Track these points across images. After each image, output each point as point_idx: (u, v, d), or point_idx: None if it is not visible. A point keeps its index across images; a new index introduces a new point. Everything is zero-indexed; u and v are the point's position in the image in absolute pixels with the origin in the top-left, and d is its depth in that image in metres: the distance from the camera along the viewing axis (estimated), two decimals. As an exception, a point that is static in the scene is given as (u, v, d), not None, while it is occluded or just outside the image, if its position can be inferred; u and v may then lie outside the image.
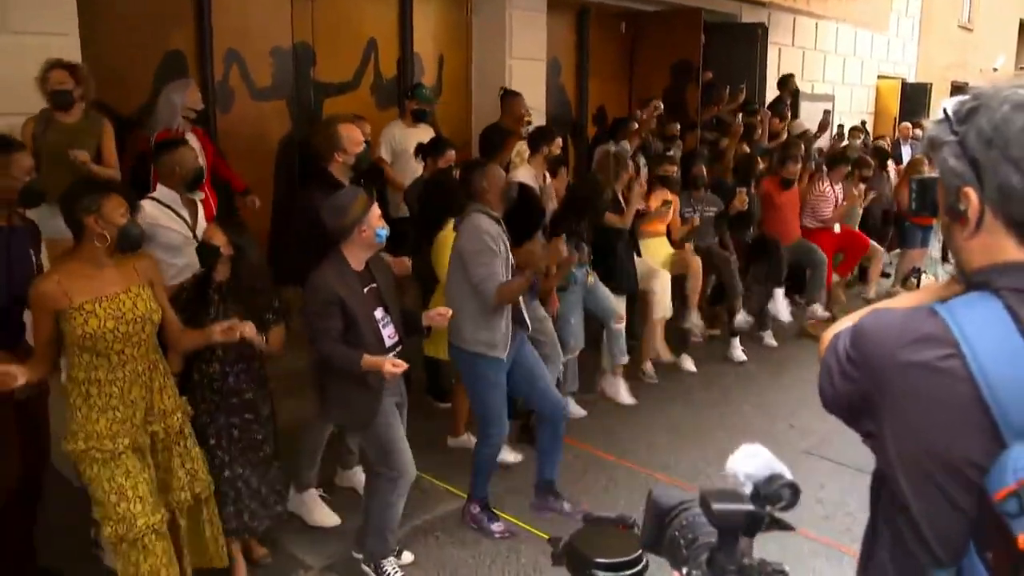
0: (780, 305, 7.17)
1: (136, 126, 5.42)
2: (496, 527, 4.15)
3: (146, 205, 3.76)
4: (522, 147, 6.10)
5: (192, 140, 4.92)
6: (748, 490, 1.18)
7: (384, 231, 3.50)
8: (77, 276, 2.96)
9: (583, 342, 5.54)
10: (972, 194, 1.26)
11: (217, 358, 3.46)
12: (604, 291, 5.65)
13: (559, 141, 6.03)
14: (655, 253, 6.32)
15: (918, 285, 8.24)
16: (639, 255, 6.03)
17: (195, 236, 3.94)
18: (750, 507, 1.14)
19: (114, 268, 3.04)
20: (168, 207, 4.00)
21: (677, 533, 1.26)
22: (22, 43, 4.40)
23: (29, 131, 4.29)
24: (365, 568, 3.72)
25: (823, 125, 9.22)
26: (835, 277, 7.94)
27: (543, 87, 7.88)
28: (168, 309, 3.22)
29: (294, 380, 4.53)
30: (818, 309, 7.38)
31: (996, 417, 1.17)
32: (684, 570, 1.14)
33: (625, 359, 5.84)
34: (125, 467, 3.01)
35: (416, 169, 5.77)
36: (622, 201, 5.80)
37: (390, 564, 3.69)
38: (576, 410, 5.56)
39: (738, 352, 6.93)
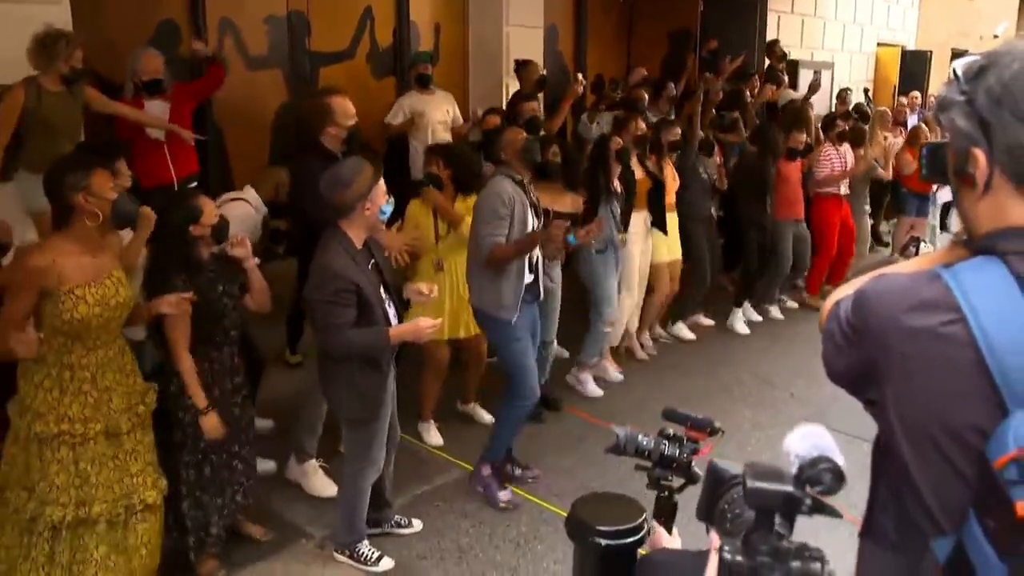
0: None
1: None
2: (503, 495, 4.16)
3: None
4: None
5: (156, 107, 4.92)
6: (793, 470, 1.14)
7: (389, 207, 3.30)
8: (71, 258, 2.84)
9: (616, 310, 5.51)
10: (980, 155, 1.24)
11: (225, 341, 3.39)
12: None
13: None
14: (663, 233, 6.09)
15: (916, 254, 8.20)
16: (665, 232, 5.89)
17: None
18: (787, 488, 1.10)
19: (102, 250, 2.94)
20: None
21: (726, 506, 1.25)
22: (11, 12, 4.33)
23: (19, 100, 4.19)
24: (339, 556, 3.65)
25: (813, 87, 9.16)
26: (827, 286, 7.76)
27: (540, 55, 7.80)
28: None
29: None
30: (771, 309, 7.30)
31: (998, 383, 1.16)
32: (718, 543, 1.11)
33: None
34: (92, 452, 2.94)
35: (442, 136, 6.01)
36: (635, 165, 5.60)
37: (365, 547, 3.63)
38: (592, 388, 5.59)
39: (740, 324, 6.91)
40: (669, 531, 1.44)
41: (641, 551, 2.14)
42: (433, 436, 4.80)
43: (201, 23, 5.94)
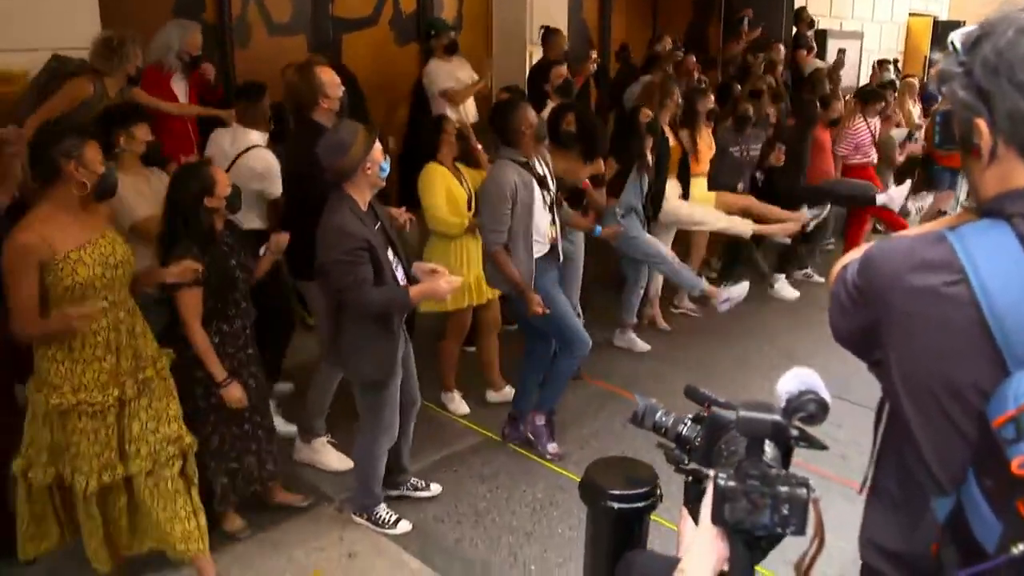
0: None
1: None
2: (552, 447, 4.30)
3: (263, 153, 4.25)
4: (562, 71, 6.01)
5: (180, 84, 4.93)
6: (782, 405, 1.22)
7: (387, 164, 3.33)
8: (58, 225, 2.80)
9: (666, 253, 5.53)
10: (983, 125, 1.24)
11: (237, 314, 3.42)
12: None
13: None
14: (697, 193, 6.08)
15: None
16: (687, 198, 5.89)
17: None
18: (775, 416, 1.16)
19: (86, 213, 2.90)
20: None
21: (723, 446, 1.30)
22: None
23: (86, 93, 4.10)
24: (357, 519, 3.71)
25: (837, 64, 9.02)
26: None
27: (565, 23, 7.73)
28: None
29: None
30: (812, 275, 7.40)
31: (1000, 344, 1.18)
32: (712, 472, 1.17)
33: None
34: (109, 419, 2.94)
35: (468, 103, 6.00)
36: (668, 133, 5.64)
37: (383, 510, 3.69)
38: (639, 343, 5.78)
39: (788, 290, 6.96)
40: (696, 520, 1.45)
41: (655, 517, 2.16)
42: (459, 405, 4.82)
43: (225, -11, 5.94)
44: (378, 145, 3.29)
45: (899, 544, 1.40)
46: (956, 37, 1.28)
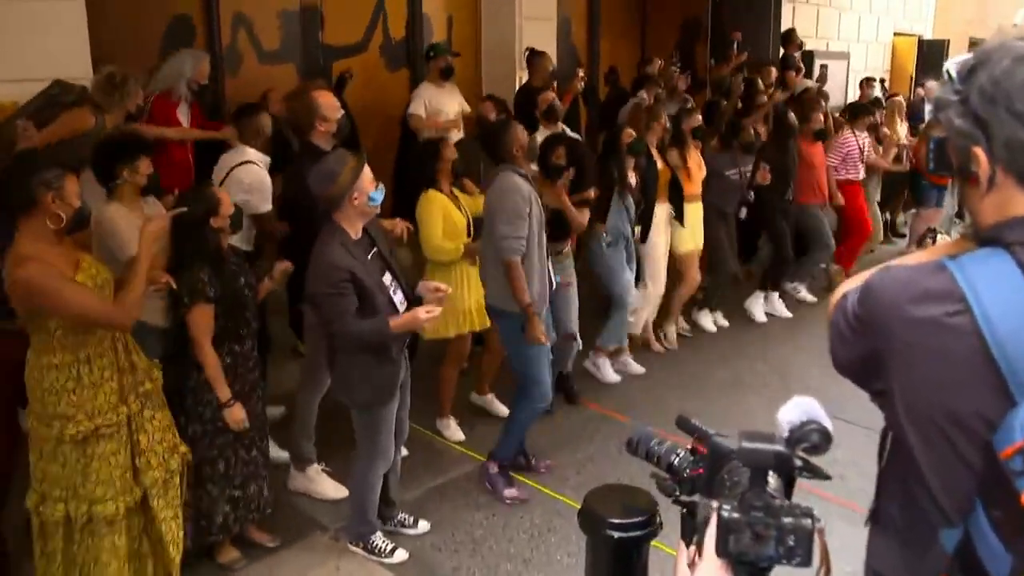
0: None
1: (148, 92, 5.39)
2: (508, 492, 4.15)
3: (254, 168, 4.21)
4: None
5: (184, 112, 4.97)
6: (785, 435, 1.20)
7: (379, 194, 3.32)
8: (52, 253, 2.77)
9: (635, 298, 5.49)
10: (980, 154, 1.24)
11: (248, 334, 3.41)
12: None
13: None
14: (691, 218, 6.04)
15: (933, 245, 8.12)
16: (683, 223, 5.88)
17: None
18: (777, 447, 1.15)
19: (60, 240, 2.88)
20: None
21: (726, 476, 1.28)
22: (30, 9, 4.35)
23: (87, 125, 4.03)
24: (353, 548, 3.67)
25: (821, 79, 9.09)
26: (834, 267, 7.79)
27: (554, 47, 7.78)
28: None
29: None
30: (801, 289, 7.33)
31: (1004, 373, 1.17)
32: (716, 504, 1.15)
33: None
34: (123, 438, 2.94)
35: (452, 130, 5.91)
36: (655, 155, 5.65)
37: (379, 538, 3.65)
38: (610, 374, 5.59)
39: (759, 311, 6.90)
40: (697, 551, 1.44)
41: (655, 543, 2.14)
42: (455, 432, 4.78)
43: (215, 17, 5.96)
44: (368, 173, 3.28)
45: (905, 574, 1.39)
46: (951, 66, 1.28)
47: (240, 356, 3.38)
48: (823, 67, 9.92)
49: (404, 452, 4.02)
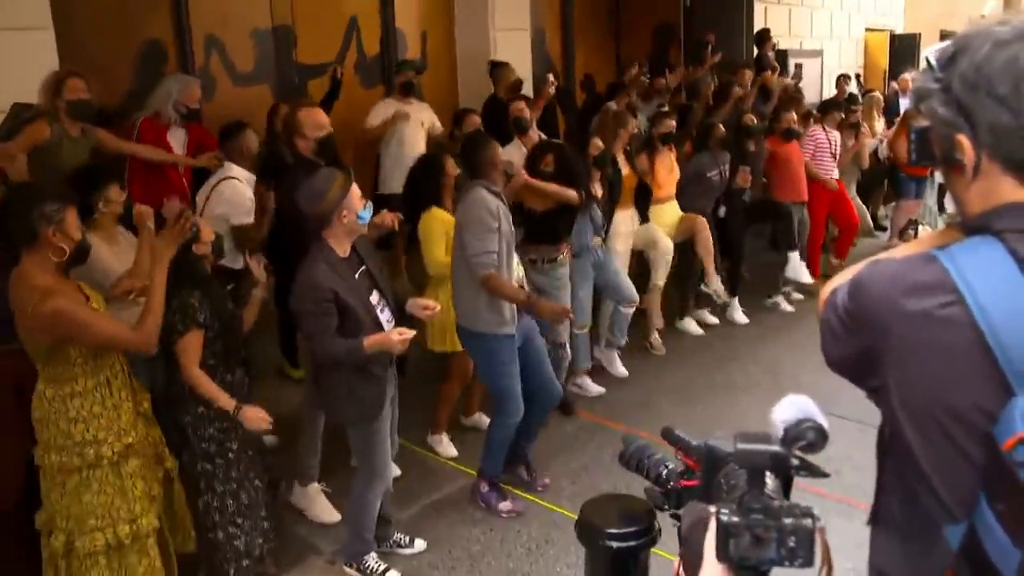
0: (798, 268, 7.06)
1: (119, 117, 5.35)
2: (503, 506, 4.11)
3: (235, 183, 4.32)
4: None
5: (178, 135, 4.98)
6: (780, 434, 1.18)
7: (367, 213, 3.29)
8: (60, 285, 2.80)
9: (590, 318, 5.45)
10: (965, 141, 1.23)
11: (238, 361, 3.37)
12: (616, 267, 5.54)
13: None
14: (665, 218, 6.07)
15: (915, 237, 8.18)
16: (645, 220, 5.90)
17: None
18: (774, 447, 1.14)
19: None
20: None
21: (723, 480, 1.28)
22: (-1, 39, 4.31)
23: (43, 135, 4.00)
24: (348, 569, 3.62)
25: (795, 77, 9.14)
26: (833, 260, 7.87)
27: (529, 57, 7.80)
28: None
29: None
30: (781, 302, 7.30)
31: (1001, 364, 1.14)
32: (714, 508, 1.13)
33: (624, 340, 5.78)
34: (147, 454, 3.04)
35: (417, 145, 5.82)
36: (622, 162, 5.65)
37: (372, 559, 3.60)
38: (593, 388, 5.53)
39: (739, 314, 6.89)
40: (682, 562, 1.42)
41: (655, 550, 2.11)
42: (446, 448, 4.74)
43: (187, 40, 5.93)
44: (357, 191, 3.26)
45: (909, 573, 1.36)
46: (931, 54, 1.26)
47: (234, 386, 3.31)
48: (798, 66, 9.99)
49: (396, 471, 3.97)
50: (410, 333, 3.26)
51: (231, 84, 6.28)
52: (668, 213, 6.10)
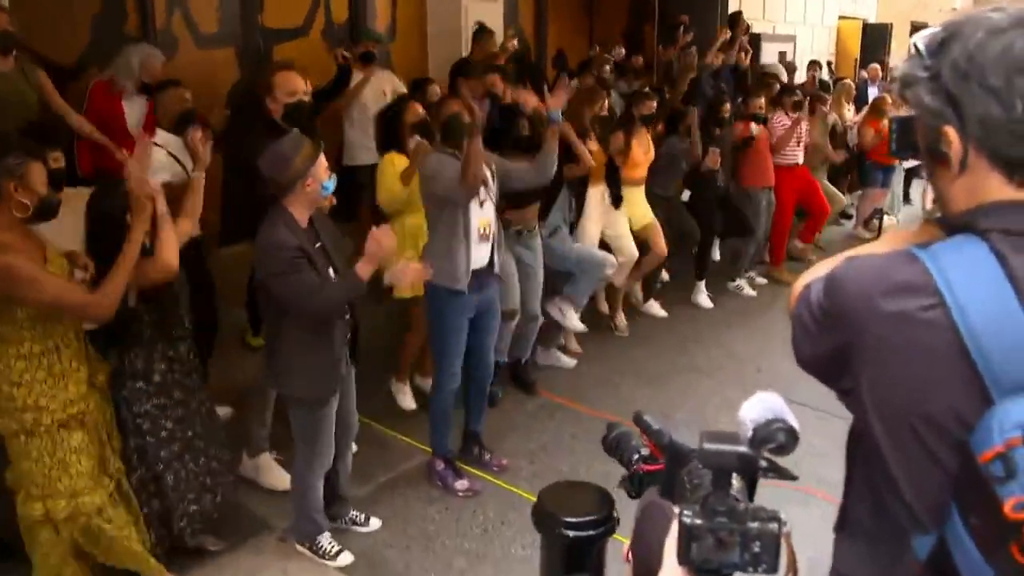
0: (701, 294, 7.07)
1: (78, 73, 5.17)
2: (459, 485, 4.06)
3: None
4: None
5: (136, 103, 4.81)
6: (748, 434, 1.14)
7: (331, 183, 3.19)
8: (18, 243, 2.71)
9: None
10: (952, 133, 1.17)
11: (182, 335, 3.25)
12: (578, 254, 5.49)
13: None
14: (636, 206, 5.98)
15: (880, 227, 8.22)
16: (617, 206, 5.77)
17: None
18: (741, 448, 1.08)
19: (29, 232, 2.81)
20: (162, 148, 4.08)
21: (686, 477, 1.23)
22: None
23: None
24: (300, 548, 3.55)
25: (790, 68, 9.14)
26: (798, 243, 7.91)
27: (500, 29, 7.67)
28: None
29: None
30: (744, 286, 7.29)
31: (982, 371, 1.10)
32: (678, 509, 1.08)
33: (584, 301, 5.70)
34: (92, 429, 2.89)
35: (370, 112, 5.64)
36: (591, 138, 5.51)
37: (325, 539, 3.54)
38: (566, 360, 5.55)
39: (703, 298, 6.88)
40: (631, 547, 1.40)
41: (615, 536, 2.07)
42: (406, 399, 4.74)
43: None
44: (323, 162, 3.15)
45: None
46: (920, 40, 1.20)
47: (176, 361, 3.21)
48: (782, 53, 9.96)
49: (354, 448, 3.90)
50: (392, 236, 3.15)
51: (194, 45, 6.09)
52: (638, 199, 6.01)
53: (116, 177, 4.19)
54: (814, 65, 10.18)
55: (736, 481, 1.12)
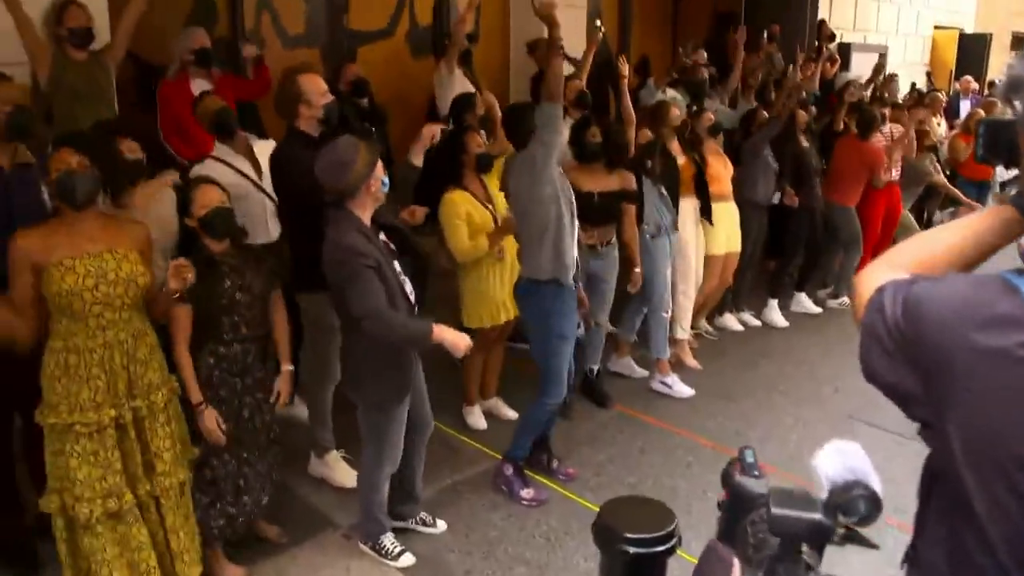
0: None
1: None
2: (525, 493, 4.01)
3: (204, 167, 3.83)
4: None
5: (199, 83, 4.90)
6: (824, 495, 1.04)
7: (387, 179, 3.19)
8: (59, 231, 2.77)
9: (670, 304, 5.32)
10: None
11: (236, 338, 3.22)
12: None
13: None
14: (724, 224, 5.77)
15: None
16: (711, 222, 5.58)
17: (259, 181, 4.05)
18: (816, 516, 0.99)
19: (99, 226, 2.84)
20: (222, 161, 3.97)
21: (749, 528, 1.14)
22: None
23: (47, 71, 4.18)
24: (363, 547, 3.56)
25: (877, 69, 8.83)
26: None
27: (583, 35, 7.61)
28: (154, 279, 2.97)
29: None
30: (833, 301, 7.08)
31: None
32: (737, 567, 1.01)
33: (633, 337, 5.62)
34: (108, 441, 2.82)
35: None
36: (678, 152, 5.38)
37: (388, 540, 3.53)
38: (683, 389, 5.33)
39: (777, 315, 6.65)
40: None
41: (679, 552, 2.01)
42: (477, 420, 4.73)
43: (238, 1, 5.88)
44: (379, 160, 3.17)
45: None
46: None
47: (226, 358, 3.21)
48: (881, 56, 9.60)
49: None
50: (469, 342, 3.22)
51: (281, 47, 6.23)
52: (728, 216, 5.81)
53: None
54: (892, 78, 9.83)
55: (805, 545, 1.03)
